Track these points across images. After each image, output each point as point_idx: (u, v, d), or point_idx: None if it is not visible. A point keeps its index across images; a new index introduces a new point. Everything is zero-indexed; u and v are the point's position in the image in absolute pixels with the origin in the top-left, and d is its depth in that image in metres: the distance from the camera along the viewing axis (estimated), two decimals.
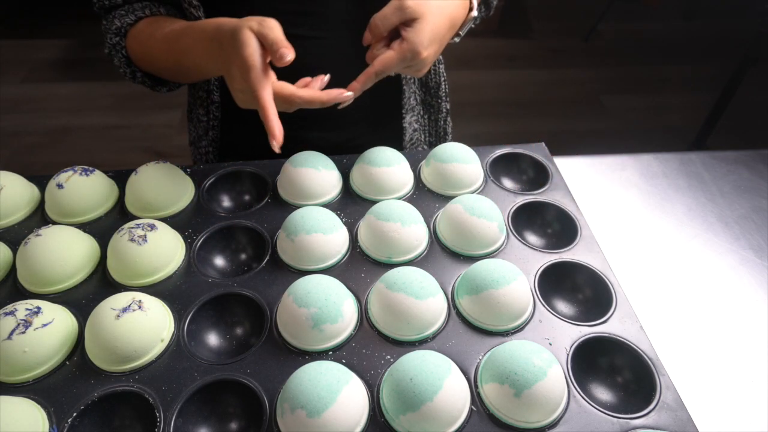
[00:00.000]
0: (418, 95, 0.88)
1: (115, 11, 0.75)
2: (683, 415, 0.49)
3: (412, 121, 0.89)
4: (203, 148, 0.90)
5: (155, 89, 0.81)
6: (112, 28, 0.74)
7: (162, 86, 0.81)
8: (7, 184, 0.67)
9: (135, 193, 0.67)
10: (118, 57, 0.75)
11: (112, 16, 0.75)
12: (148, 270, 0.59)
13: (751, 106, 2.16)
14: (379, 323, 0.55)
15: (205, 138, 0.89)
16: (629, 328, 0.56)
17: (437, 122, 0.93)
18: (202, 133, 0.89)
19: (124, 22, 0.73)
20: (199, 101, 0.86)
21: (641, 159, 0.92)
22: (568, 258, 0.63)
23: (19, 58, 2.72)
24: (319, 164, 0.69)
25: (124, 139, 2.30)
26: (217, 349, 0.56)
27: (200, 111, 0.86)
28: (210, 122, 0.86)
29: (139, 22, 0.74)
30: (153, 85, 0.80)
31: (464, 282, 0.57)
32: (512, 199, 0.70)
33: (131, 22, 0.73)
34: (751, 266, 0.75)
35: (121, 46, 0.74)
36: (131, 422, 0.50)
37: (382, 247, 0.61)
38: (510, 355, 0.49)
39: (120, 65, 0.76)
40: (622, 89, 2.55)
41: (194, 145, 0.94)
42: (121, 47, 0.74)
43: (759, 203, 0.84)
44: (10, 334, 0.50)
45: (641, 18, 3.06)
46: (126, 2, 0.75)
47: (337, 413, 0.45)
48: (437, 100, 0.90)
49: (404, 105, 0.86)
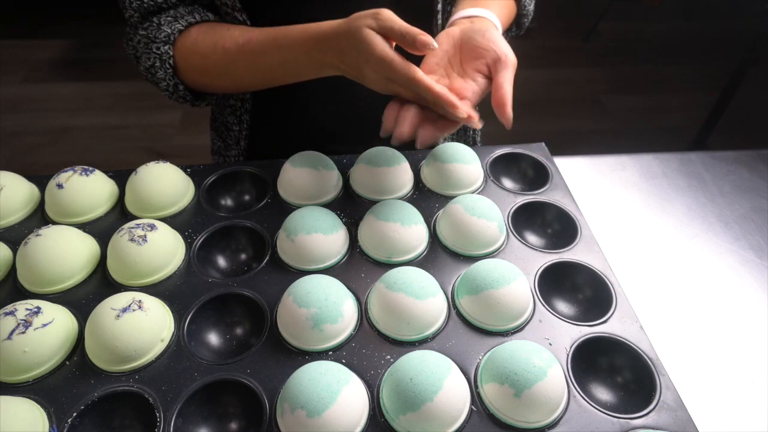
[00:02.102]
0: None
1: (159, 16, 0.68)
2: (683, 415, 0.49)
3: None
4: (232, 158, 0.88)
5: (194, 104, 0.76)
6: (159, 36, 0.67)
7: (202, 101, 0.76)
8: (7, 184, 0.67)
9: (135, 193, 0.67)
10: (165, 68, 0.68)
11: (158, 23, 0.68)
12: (148, 270, 0.59)
13: (751, 106, 2.16)
14: (379, 323, 0.55)
15: (236, 147, 0.86)
16: (629, 328, 0.56)
17: (466, 130, 0.92)
18: (232, 142, 0.86)
19: (174, 29, 0.67)
20: (230, 109, 0.83)
21: (641, 159, 0.92)
22: (568, 258, 0.63)
23: (19, 58, 2.72)
24: (319, 164, 0.69)
25: (124, 139, 2.30)
26: (217, 349, 0.56)
27: (230, 119, 0.83)
28: (242, 131, 0.83)
29: (191, 28, 0.68)
30: (194, 100, 0.75)
31: (464, 282, 0.57)
32: (512, 199, 0.70)
33: (182, 28, 0.67)
34: (751, 266, 0.75)
35: (170, 56, 0.68)
36: (131, 422, 0.50)
37: (382, 247, 0.61)
38: (510, 355, 0.49)
39: (165, 77, 0.69)
40: (622, 89, 2.55)
41: (219, 154, 0.91)
42: (170, 56, 0.68)
43: (759, 203, 0.84)
44: (10, 334, 0.50)
45: (641, 18, 3.06)
46: (170, 6, 0.69)
47: (337, 413, 0.45)
48: None
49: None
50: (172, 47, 0.68)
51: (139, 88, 2.50)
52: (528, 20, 0.84)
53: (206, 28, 0.68)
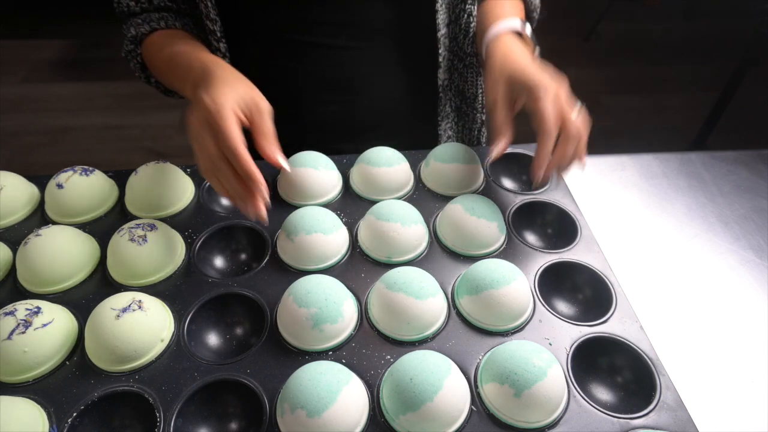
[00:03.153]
0: (453, 102, 0.88)
1: (133, 19, 0.77)
2: (683, 415, 0.49)
3: (447, 128, 0.89)
4: None
5: (167, 95, 0.83)
6: (128, 36, 0.76)
7: (173, 93, 0.82)
8: (7, 184, 0.67)
9: (135, 193, 0.67)
10: (134, 63, 0.78)
11: (130, 24, 0.77)
12: (148, 270, 0.59)
13: (751, 106, 2.16)
14: (379, 323, 0.55)
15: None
16: (629, 328, 0.56)
17: (471, 131, 0.93)
18: None
19: (139, 32, 0.75)
20: None
21: (641, 159, 0.92)
22: (568, 258, 0.63)
23: (19, 58, 2.72)
24: (319, 164, 0.69)
25: (124, 139, 2.30)
26: (217, 349, 0.56)
27: None
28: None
29: (154, 33, 0.75)
30: (165, 91, 0.82)
31: (464, 282, 0.57)
32: (512, 199, 0.70)
33: (146, 32, 0.75)
34: (751, 266, 0.75)
35: (137, 53, 0.77)
36: (131, 422, 0.50)
37: (382, 247, 0.61)
38: (510, 355, 0.49)
39: (135, 70, 0.79)
40: (622, 89, 2.55)
41: None
42: (136, 54, 0.77)
43: (759, 203, 0.84)
44: (10, 334, 0.50)
45: (641, 18, 3.06)
46: (144, 11, 0.77)
47: (337, 413, 0.45)
48: (472, 111, 0.89)
49: (440, 112, 0.86)
50: (139, 46, 0.77)
51: (139, 88, 2.48)
52: (537, 14, 0.85)
53: (164, 36, 0.75)
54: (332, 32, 0.76)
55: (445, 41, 0.79)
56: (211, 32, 0.75)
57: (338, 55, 0.78)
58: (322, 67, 0.78)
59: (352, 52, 0.78)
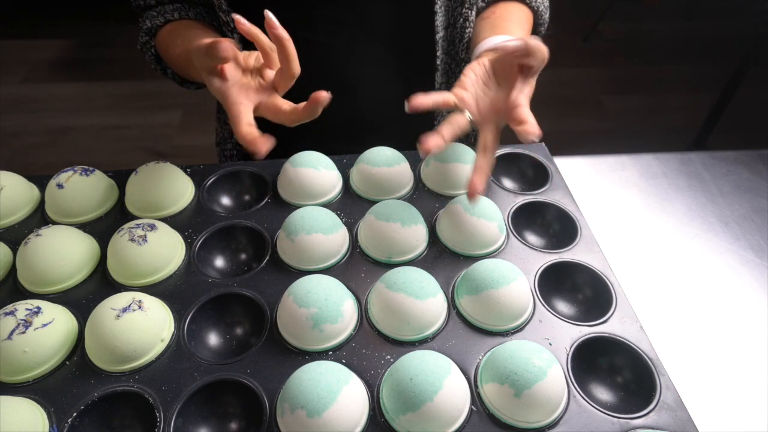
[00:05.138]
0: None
1: (148, 12, 0.79)
2: (683, 415, 0.49)
3: None
4: (228, 151, 0.92)
5: (183, 85, 0.84)
6: (143, 28, 0.78)
7: (190, 84, 0.83)
8: (7, 184, 0.67)
9: (135, 193, 0.67)
10: (148, 55, 0.80)
11: (145, 16, 0.79)
12: (148, 270, 0.59)
13: (751, 106, 2.16)
14: (379, 323, 0.55)
15: (230, 141, 0.90)
16: (629, 328, 0.56)
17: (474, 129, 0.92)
18: (227, 135, 0.91)
19: (154, 24, 0.77)
20: None
21: (641, 159, 0.92)
22: (568, 258, 0.63)
23: (19, 58, 2.72)
24: (319, 164, 0.69)
25: (124, 139, 2.30)
26: (217, 349, 0.56)
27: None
28: None
29: (167, 24, 0.77)
30: (182, 82, 0.83)
31: (464, 282, 0.57)
32: (512, 199, 0.70)
33: (160, 24, 0.77)
34: (751, 266, 0.75)
35: (151, 45, 0.79)
36: (131, 422, 0.50)
37: (382, 247, 0.61)
38: (510, 355, 0.49)
39: (150, 62, 0.81)
40: (622, 89, 2.55)
41: (220, 146, 0.95)
42: (151, 46, 0.79)
43: (759, 203, 0.84)
44: (10, 334, 0.50)
45: (641, 18, 3.06)
46: (159, 3, 0.78)
47: (337, 413, 0.45)
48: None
49: (438, 114, 0.86)
50: (153, 38, 0.78)
51: (139, 88, 2.50)
52: (544, 29, 0.84)
53: (177, 26, 0.76)
54: (333, 30, 0.76)
55: (443, 44, 0.79)
56: (225, 23, 0.76)
57: (338, 54, 0.78)
58: (322, 65, 0.79)
59: (351, 51, 0.78)
